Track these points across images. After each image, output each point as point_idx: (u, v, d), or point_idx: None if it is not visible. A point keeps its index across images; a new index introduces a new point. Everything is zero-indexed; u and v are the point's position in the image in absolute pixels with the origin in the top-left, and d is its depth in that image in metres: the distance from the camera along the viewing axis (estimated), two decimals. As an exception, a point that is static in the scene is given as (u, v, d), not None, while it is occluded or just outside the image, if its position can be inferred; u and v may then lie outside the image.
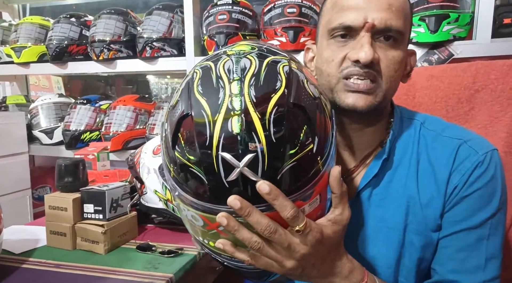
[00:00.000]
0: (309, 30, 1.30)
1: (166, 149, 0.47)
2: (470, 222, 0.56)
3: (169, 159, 0.47)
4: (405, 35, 0.58)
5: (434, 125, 0.63)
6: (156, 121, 1.57)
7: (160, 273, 0.76)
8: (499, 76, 0.85)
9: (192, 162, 0.43)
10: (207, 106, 0.42)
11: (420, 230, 0.59)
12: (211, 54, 0.51)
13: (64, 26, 1.62)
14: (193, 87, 0.45)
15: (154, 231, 1.01)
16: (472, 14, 1.12)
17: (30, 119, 1.75)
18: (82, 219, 0.88)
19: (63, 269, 0.78)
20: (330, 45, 0.59)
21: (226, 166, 0.41)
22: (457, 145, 0.59)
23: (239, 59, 0.46)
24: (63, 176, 0.91)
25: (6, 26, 1.86)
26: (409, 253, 0.60)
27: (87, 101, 1.69)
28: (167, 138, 0.46)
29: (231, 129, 0.41)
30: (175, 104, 0.47)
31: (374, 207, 0.61)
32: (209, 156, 0.41)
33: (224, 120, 0.41)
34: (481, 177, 0.56)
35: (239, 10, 1.40)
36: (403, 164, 0.61)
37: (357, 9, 0.55)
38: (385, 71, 0.56)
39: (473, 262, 0.56)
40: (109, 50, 1.53)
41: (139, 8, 2.04)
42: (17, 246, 0.88)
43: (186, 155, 0.43)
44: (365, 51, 0.53)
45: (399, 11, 0.56)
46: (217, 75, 0.44)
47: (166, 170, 0.49)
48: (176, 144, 0.45)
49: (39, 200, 1.87)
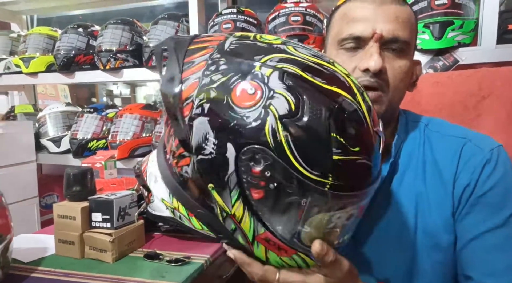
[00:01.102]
0: (313, 38, 1.31)
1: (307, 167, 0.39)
2: (494, 221, 0.56)
3: (321, 172, 0.40)
4: (411, 46, 0.60)
5: (438, 127, 0.64)
6: (162, 129, 1.58)
7: (167, 282, 0.76)
8: (505, 83, 0.85)
9: (358, 153, 0.41)
10: (345, 92, 0.42)
11: (430, 231, 0.59)
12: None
13: (72, 36, 1.65)
14: (312, 83, 0.41)
15: (161, 239, 1.01)
16: (476, 20, 1.12)
17: (38, 128, 1.77)
18: (90, 228, 0.88)
19: (72, 278, 0.78)
20: (340, 55, 0.60)
21: (377, 139, 0.44)
22: (462, 144, 0.60)
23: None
24: (71, 185, 0.91)
25: (14, 37, 1.89)
26: (421, 255, 0.59)
27: (94, 110, 1.71)
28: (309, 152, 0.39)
29: (368, 104, 0.44)
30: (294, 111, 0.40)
31: (385, 211, 0.62)
32: (370, 136, 0.42)
33: (362, 98, 0.43)
34: (492, 174, 0.56)
35: (244, 19, 1.41)
36: (411, 166, 0.62)
37: (366, 20, 0.57)
38: (392, 81, 0.58)
39: (505, 262, 0.55)
40: (115, 59, 1.55)
41: (145, 17, 2.07)
42: (26, 255, 0.88)
43: (350, 151, 0.40)
44: (375, 60, 0.55)
45: (405, 22, 0.58)
46: (315, 62, 0.43)
47: (310, 192, 0.40)
48: (333, 147, 0.39)
49: (47, 208, 1.88)
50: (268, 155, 0.39)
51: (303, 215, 0.41)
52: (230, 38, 0.47)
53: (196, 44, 0.48)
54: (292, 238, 0.44)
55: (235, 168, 0.41)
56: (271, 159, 0.39)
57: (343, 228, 0.45)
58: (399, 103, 0.63)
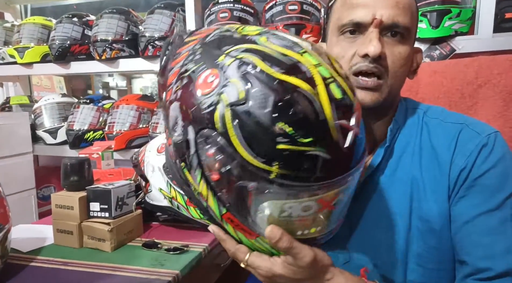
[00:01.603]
0: (311, 27, 1.30)
1: (252, 152, 0.40)
2: (489, 204, 0.56)
3: (266, 159, 0.40)
4: (412, 32, 0.60)
5: (437, 114, 0.65)
6: (159, 120, 1.58)
7: (166, 270, 0.77)
8: (502, 72, 0.85)
9: (308, 144, 0.40)
10: (301, 82, 0.40)
11: (424, 215, 0.59)
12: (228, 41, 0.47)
13: (67, 26, 1.63)
14: (267, 73, 0.41)
15: (159, 228, 1.02)
16: (473, 9, 1.12)
17: (34, 119, 1.76)
18: (88, 217, 0.89)
19: (71, 266, 0.79)
20: (340, 41, 0.61)
21: (343, 132, 0.42)
22: (459, 129, 0.60)
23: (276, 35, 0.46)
24: (69, 175, 0.91)
25: (8, 27, 1.86)
26: (417, 239, 0.60)
27: (90, 101, 1.70)
28: (255, 137, 0.40)
29: (334, 96, 0.42)
30: (242, 99, 0.40)
31: (380, 196, 0.63)
32: (328, 129, 0.41)
33: (326, 89, 0.42)
34: (489, 157, 0.57)
35: (241, 8, 1.40)
36: (407, 152, 0.63)
37: (366, 6, 0.57)
38: (391, 67, 0.58)
39: (501, 245, 0.55)
40: (111, 49, 1.54)
41: (141, 7, 2.05)
42: (25, 245, 0.89)
43: (297, 141, 0.40)
44: (374, 45, 0.56)
45: (406, 8, 0.58)
46: (281, 53, 0.43)
47: (257, 179, 0.41)
48: (278, 135, 0.40)
49: (44, 199, 1.88)
50: (218, 139, 0.42)
51: (253, 200, 0.44)
52: (216, 31, 0.50)
53: (192, 36, 0.53)
54: (251, 221, 0.46)
55: (195, 150, 0.44)
56: (220, 143, 0.42)
57: (305, 220, 0.45)
58: (399, 90, 0.63)
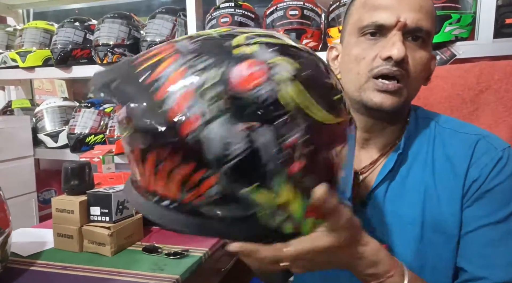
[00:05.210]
0: (311, 32, 1.31)
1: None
2: (495, 217, 0.56)
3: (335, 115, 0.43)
4: (431, 37, 0.60)
5: (450, 124, 0.64)
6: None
7: (166, 275, 0.77)
8: (502, 77, 0.85)
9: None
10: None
11: (437, 225, 0.59)
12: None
13: (68, 30, 1.64)
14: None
15: (160, 233, 1.01)
16: (474, 14, 1.12)
17: (35, 123, 1.77)
18: (88, 222, 0.89)
19: (71, 271, 0.79)
20: (360, 43, 0.60)
21: None
22: (475, 140, 0.60)
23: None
24: (69, 179, 0.92)
25: (10, 31, 1.87)
26: (430, 250, 0.59)
27: (91, 105, 1.70)
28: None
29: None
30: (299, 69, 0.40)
31: (390, 203, 0.62)
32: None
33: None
34: (502, 171, 0.57)
35: (242, 13, 1.41)
36: (419, 160, 0.62)
37: (390, 8, 0.57)
38: (412, 72, 0.58)
39: (502, 258, 0.55)
40: (113, 53, 1.55)
41: (142, 11, 2.05)
42: (25, 249, 0.89)
43: (339, 90, 0.46)
44: (398, 48, 0.55)
45: (429, 13, 0.58)
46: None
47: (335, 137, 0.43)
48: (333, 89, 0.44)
49: (45, 203, 1.88)
50: (295, 119, 0.38)
51: (339, 163, 0.44)
52: (180, 42, 0.43)
53: (141, 65, 0.41)
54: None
55: (272, 150, 0.38)
56: (297, 121, 0.38)
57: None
58: (414, 96, 0.63)
